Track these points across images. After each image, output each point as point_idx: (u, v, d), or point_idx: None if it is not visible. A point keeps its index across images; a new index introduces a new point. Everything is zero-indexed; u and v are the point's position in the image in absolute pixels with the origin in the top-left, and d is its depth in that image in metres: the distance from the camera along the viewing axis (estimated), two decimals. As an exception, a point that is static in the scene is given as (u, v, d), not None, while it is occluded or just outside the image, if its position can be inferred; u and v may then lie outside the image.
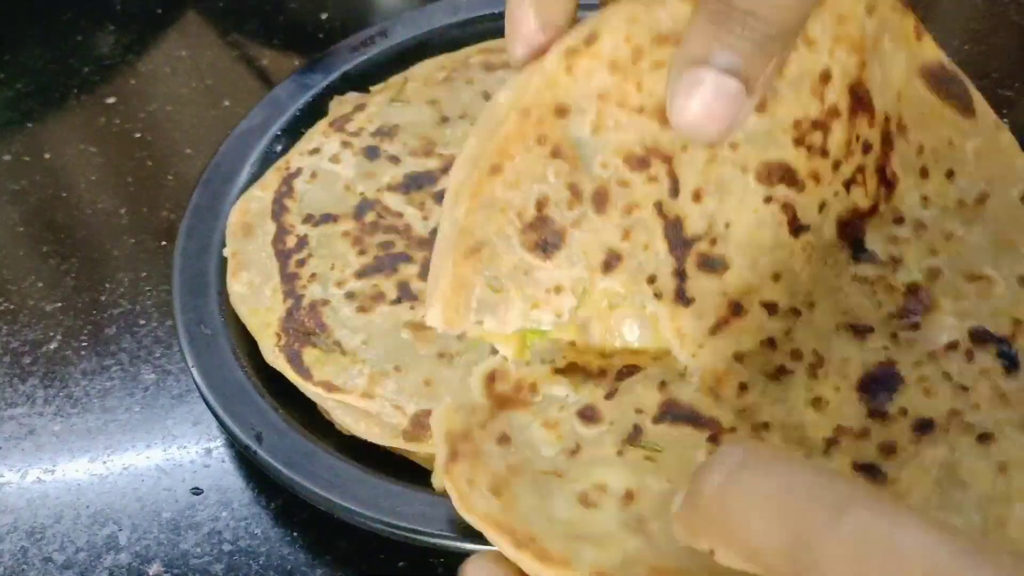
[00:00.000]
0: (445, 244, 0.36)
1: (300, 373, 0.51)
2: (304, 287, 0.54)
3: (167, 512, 0.52)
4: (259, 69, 0.75)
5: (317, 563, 0.50)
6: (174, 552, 0.50)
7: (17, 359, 0.59)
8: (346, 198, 0.58)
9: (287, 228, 0.56)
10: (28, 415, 0.57)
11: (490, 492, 0.34)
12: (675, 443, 0.36)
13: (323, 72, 0.65)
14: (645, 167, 0.36)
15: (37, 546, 0.51)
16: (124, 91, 0.74)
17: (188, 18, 0.79)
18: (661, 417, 0.37)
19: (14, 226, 0.66)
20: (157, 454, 0.54)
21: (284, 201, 0.58)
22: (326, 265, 0.55)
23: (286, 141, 0.62)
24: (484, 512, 0.34)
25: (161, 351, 0.59)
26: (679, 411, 0.37)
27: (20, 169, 0.69)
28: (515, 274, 0.36)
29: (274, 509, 0.52)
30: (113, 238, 0.65)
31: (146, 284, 0.62)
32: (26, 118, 0.73)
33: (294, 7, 0.79)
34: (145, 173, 0.68)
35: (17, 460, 0.55)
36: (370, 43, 0.66)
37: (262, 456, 0.48)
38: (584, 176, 0.36)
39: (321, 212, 0.57)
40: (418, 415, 0.49)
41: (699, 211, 0.37)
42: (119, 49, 0.77)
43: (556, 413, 0.37)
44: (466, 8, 0.67)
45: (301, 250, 0.55)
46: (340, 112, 0.62)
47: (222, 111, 0.72)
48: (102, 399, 0.57)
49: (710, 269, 0.37)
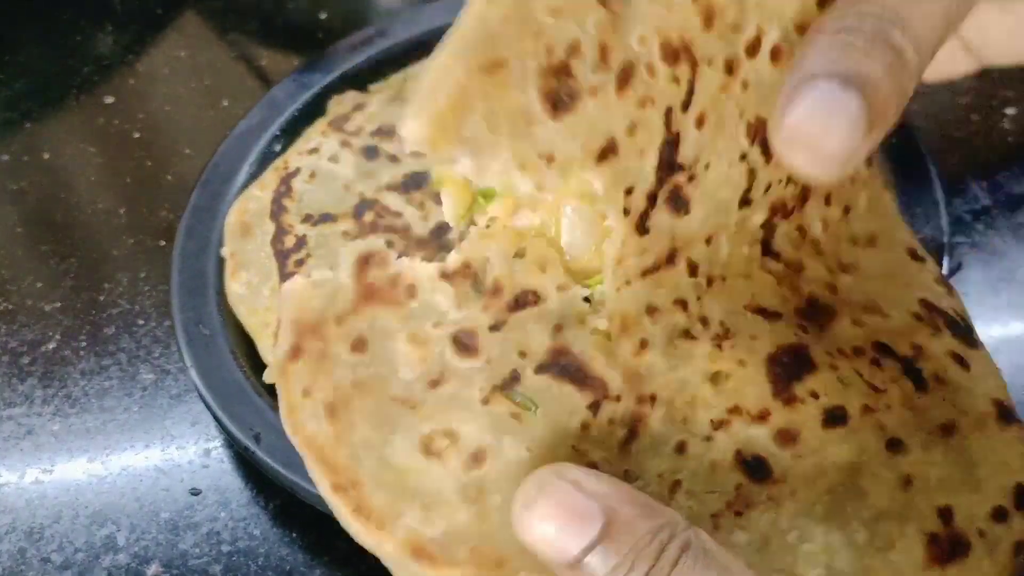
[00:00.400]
0: (459, 45, 0.30)
1: (299, 373, 0.51)
2: (303, 287, 0.54)
3: (166, 512, 0.52)
4: (258, 69, 0.75)
5: (316, 563, 0.49)
6: (172, 552, 0.50)
7: (16, 359, 0.59)
8: (345, 198, 0.58)
9: (286, 228, 0.56)
10: (27, 415, 0.57)
11: (325, 411, 0.30)
12: (551, 403, 0.32)
13: (322, 72, 0.65)
14: (675, 62, 0.32)
15: (35, 546, 0.51)
16: (123, 91, 0.74)
17: (187, 18, 0.79)
18: (546, 367, 0.32)
19: (13, 226, 0.66)
20: (156, 454, 0.54)
21: (283, 201, 0.57)
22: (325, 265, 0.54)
23: (285, 141, 0.62)
24: (310, 436, 0.30)
25: (160, 351, 0.59)
26: (567, 363, 0.32)
27: (19, 169, 0.69)
28: (515, 119, 0.30)
29: (273, 509, 0.52)
30: (112, 238, 0.65)
31: (145, 284, 0.62)
32: (25, 118, 0.73)
33: (293, 7, 0.79)
34: (144, 173, 0.68)
35: (15, 460, 0.55)
36: (369, 43, 0.66)
37: (261, 456, 0.48)
38: (619, 43, 0.32)
39: (320, 212, 0.57)
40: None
41: (695, 138, 0.34)
42: (118, 49, 0.77)
43: (428, 328, 0.33)
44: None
45: (300, 250, 0.55)
46: (339, 112, 0.62)
47: (221, 111, 0.72)
48: (100, 399, 0.57)
49: (675, 207, 0.34)
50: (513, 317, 0.33)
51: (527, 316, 0.33)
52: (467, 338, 0.33)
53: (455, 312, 0.33)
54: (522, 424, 0.31)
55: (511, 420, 0.31)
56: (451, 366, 0.32)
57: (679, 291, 0.34)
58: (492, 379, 0.32)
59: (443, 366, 0.32)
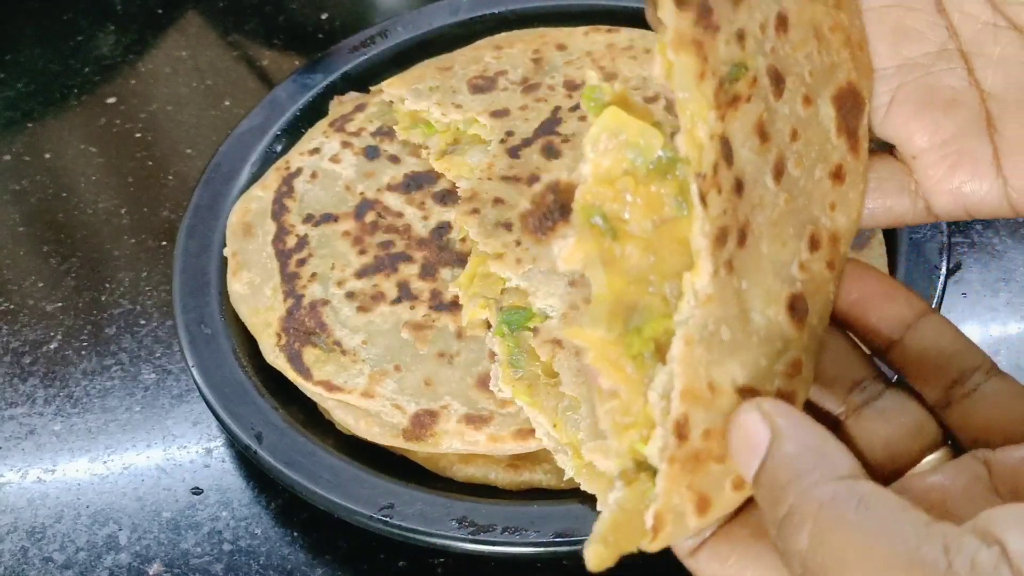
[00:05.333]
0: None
1: (300, 373, 0.51)
2: (304, 287, 0.54)
3: (167, 512, 0.52)
4: (259, 69, 0.75)
5: (317, 563, 0.50)
6: (174, 552, 0.50)
7: (17, 359, 0.59)
8: (346, 198, 0.58)
9: (287, 228, 0.56)
10: (28, 415, 0.57)
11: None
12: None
13: (323, 72, 0.65)
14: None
15: (37, 546, 0.51)
16: (124, 91, 0.74)
17: (188, 18, 0.79)
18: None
19: (15, 226, 0.66)
20: (157, 454, 0.54)
21: (284, 201, 0.58)
22: (326, 265, 0.55)
23: (286, 141, 0.62)
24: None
25: (161, 351, 0.59)
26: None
27: (20, 169, 0.69)
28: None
29: (274, 509, 0.52)
30: (113, 238, 0.65)
31: (146, 284, 0.62)
32: (26, 118, 0.73)
33: (294, 7, 0.79)
34: (145, 173, 0.68)
35: (17, 460, 0.55)
36: (370, 43, 0.66)
37: (262, 456, 0.48)
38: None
39: (321, 212, 0.57)
40: (418, 415, 0.49)
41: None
42: (119, 49, 0.77)
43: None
44: (466, 8, 0.67)
45: (301, 250, 0.55)
46: (340, 112, 0.62)
47: (222, 111, 0.72)
48: (102, 399, 0.57)
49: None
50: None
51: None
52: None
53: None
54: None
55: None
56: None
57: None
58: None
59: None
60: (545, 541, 0.45)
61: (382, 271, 0.54)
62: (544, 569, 0.48)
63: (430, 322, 0.52)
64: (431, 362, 0.51)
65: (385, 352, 0.51)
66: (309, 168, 0.59)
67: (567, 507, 0.46)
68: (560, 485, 0.48)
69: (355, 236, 0.56)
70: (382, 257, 0.55)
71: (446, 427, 0.49)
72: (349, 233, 0.56)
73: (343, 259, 0.55)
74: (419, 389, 0.50)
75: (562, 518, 0.45)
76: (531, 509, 0.46)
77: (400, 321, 0.52)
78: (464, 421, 0.49)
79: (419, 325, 0.52)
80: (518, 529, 0.45)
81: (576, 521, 0.45)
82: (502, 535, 0.45)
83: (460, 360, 0.51)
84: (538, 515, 0.46)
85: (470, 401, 0.49)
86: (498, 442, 0.48)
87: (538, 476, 0.49)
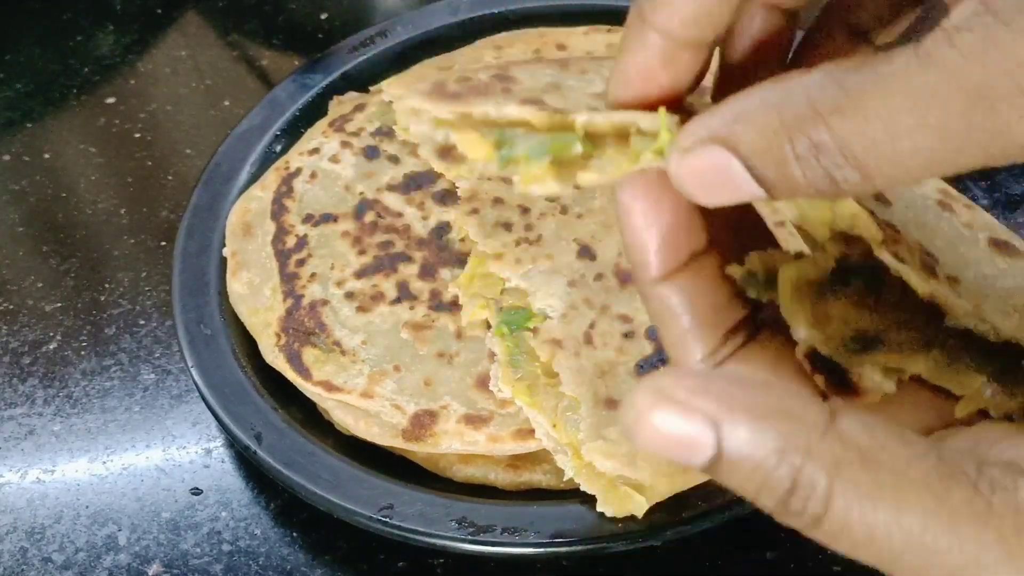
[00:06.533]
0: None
1: (300, 373, 0.51)
2: (304, 287, 0.54)
3: (167, 512, 0.52)
4: (259, 69, 0.75)
5: (317, 563, 0.50)
6: (173, 552, 0.50)
7: (17, 359, 0.59)
8: (346, 198, 0.58)
9: (287, 228, 0.56)
10: (28, 415, 0.57)
11: None
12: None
13: (323, 72, 0.65)
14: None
15: (37, 546, 0.51)
16: (124, 91, 0.74)
17: (188, 18, 0.79)
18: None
19: (14, 226, 0.66)
20: (156, 454, 0.54)
21: (284, 201, 0.58)
22: (326, 265, 0.55)
23: (286, 141, 0.62)
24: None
25: (161, 351, 0.59)
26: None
27: (20, 169, 0.69)
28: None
29: (274, 509, 0.52)
30: (113, 238, 0.65)
31: (146, 284, 0.62)
32: (26, 118, 0.73)
33: (294, 7, 0.79)
34: (145, 173, 0.68)
35: (17, 460, 0.55)
36: (370, 43, 0.66)
37: (262, 456, 0.48)
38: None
39: (321, 212, 0.57)
40: (418, 415, 0.49)
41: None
42: (119, 49, 0.77)
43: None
44: (466, 8, 0.67)
45: (301, 250, 0.55)
46: (340, 112, 0.62)
47: (222, 111, 0.72)
48: (102, 399, 0.57)
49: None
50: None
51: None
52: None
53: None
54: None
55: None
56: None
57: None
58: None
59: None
60: (545, 541, 0.45)
61: (381, 271, 0.54)
62: (544, 569, 0.48)
63: (430, 322, 0.52)
64: (431, 362, 0.51)
65: (385, 352, 0.51)
66: (309, 168, 0.59)
67: (567, 507, 0.46)
68: (560, 485, 0.48)
69: (355, 236, 0.56)
70: (382, 257, 0.55)
71: (446, 427, 0.49)
72: (349, 233, 0.56)
73: (343, 259, 0.55)
74: (419, 389, 0.50)
75: (562, 518, 0.45)
76: (531, 509, 0.46)
77: (400, 321, 0.52)
78: (464, 421, 0.49)
79: (419, 325, 0.52)
80: (518, 529, 0.45)
81: (576, 521, 0.45)
82: (502, 535, 0.45)
83: (460, 360, 0.51)
84: (538, 515, 0.46)
85: (470, 401, 0.49)
86: (498, 442, 0.48)
87: (538, 476, 0.49)
